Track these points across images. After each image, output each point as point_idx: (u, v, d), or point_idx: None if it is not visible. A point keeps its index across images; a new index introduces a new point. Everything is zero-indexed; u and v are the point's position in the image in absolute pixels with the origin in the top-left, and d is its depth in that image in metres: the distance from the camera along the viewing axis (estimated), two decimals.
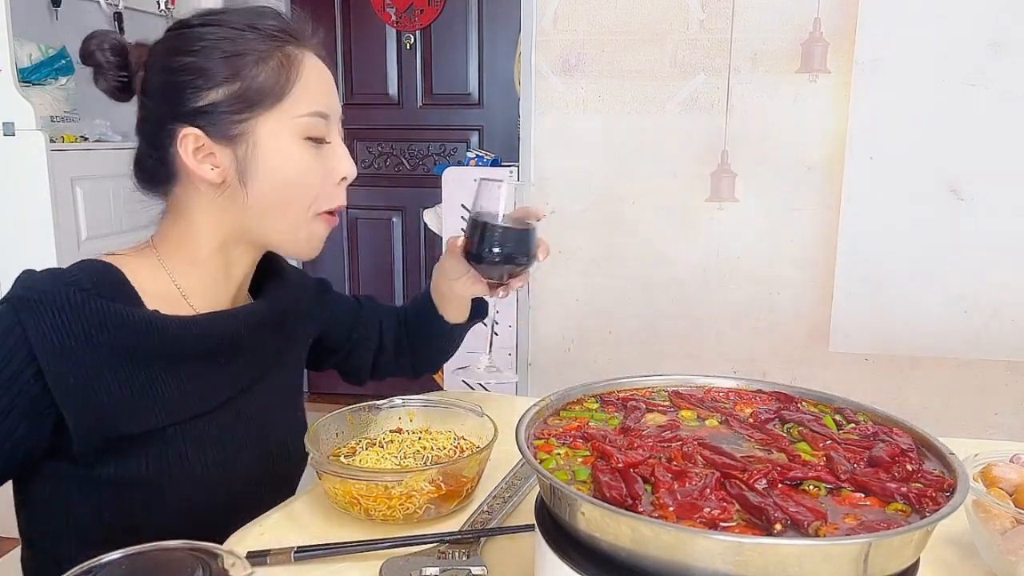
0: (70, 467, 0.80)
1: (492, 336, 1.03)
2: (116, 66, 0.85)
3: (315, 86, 0.86)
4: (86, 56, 0.86)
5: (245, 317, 0.90)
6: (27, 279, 0.79)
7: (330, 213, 0.89)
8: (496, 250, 0.92)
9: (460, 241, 0.96)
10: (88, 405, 0.77)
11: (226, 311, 0.89)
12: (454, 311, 1.09)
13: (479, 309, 1.12)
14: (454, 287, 1.03)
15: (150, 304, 0.82)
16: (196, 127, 0.82)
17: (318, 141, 0.86)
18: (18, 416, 0.76)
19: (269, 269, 0.98)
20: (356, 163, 0.90)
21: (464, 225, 0.96)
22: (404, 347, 1.15)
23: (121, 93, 0.87)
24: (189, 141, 0.83)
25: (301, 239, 0.89)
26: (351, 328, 1.12)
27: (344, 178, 0.88)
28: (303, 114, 0.84)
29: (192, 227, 0.87)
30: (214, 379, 0.87)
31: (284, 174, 0.84)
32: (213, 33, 0.83)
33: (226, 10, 0.87)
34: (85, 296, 0.77)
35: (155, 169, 0.87)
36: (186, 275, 0.88)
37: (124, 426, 0.79)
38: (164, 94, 0.84)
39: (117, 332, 0.78)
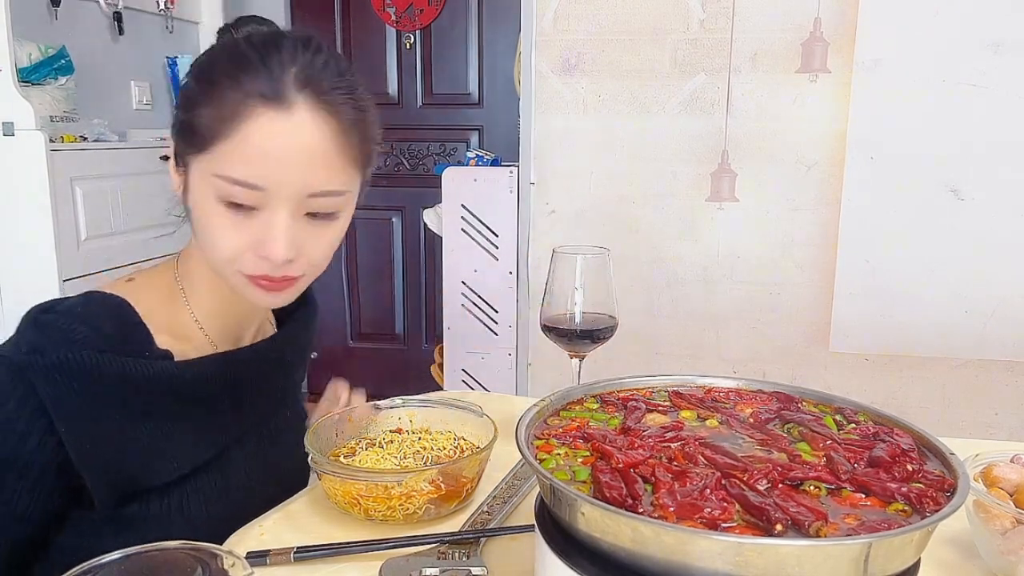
0: (83, 511, 0.79)
1: None
2: None
3: (252, 152, 0.73)
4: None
5: (264, 354, 0.88)
6: (33, 339, 0.76)
7: (255, 277, 0.78)
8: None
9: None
10: (109, 466, 0.77)
11: (241, 350, 0.87)
12: None
13: None
14: None
15: (162, 341, 0.81)
16: (173, 138, 0.81)
17: (238, 207, 0.75)
18: (49, 487, 0.75)
19: None
20: None
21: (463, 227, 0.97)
22: None
23: None
24: (171, 151, 0.82)
25: (236, 287, 0.80)
26: None
27: (266, 257, 0.76)
28: (222, 175, 0.74)
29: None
30: (229, 417, 0.86)
31: (199, 223, 0.79)
32: (217, 56, 0.79)
33: (254, 34, 0.79)
34: (99, 358, 0.75)
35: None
36: (204, 296, 0.85)
37: (145, 481, 0.79)
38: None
39: (134, 390, 0.77)
